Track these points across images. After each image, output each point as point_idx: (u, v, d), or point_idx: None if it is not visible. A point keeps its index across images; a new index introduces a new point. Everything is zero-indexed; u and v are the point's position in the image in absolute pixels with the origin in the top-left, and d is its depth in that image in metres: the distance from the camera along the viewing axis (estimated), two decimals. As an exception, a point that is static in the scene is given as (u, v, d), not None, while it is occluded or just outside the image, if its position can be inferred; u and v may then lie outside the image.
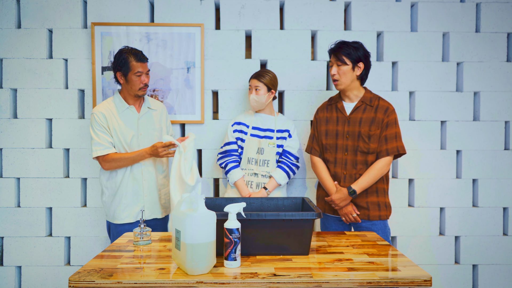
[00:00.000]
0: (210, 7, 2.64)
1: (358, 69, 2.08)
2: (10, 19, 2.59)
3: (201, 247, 1.31)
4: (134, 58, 2.14)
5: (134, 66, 2.14)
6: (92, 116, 2.16)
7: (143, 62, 2.17)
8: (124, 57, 2.14)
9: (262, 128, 2.38)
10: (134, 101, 2.24)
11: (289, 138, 2.38)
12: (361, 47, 2.08)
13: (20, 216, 2.59)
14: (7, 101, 2.60)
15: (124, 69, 2.15)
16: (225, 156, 2.39)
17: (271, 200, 1.83)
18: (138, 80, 2.16)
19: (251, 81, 2.34)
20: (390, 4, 2.66)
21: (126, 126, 2.18)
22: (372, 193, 2.12)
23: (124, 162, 2.14)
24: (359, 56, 2.06)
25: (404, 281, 1.31)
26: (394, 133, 2.08)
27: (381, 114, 2.08)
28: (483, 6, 2.66)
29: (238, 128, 2.40)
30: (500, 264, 2.66)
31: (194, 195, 1.34)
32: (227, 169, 2.36)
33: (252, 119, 2.41)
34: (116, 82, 2.23)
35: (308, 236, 1.52)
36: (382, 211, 2.13)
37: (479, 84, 2.66)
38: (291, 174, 2.36)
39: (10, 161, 2.59)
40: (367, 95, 2.14)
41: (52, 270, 2.60)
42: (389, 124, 2.07)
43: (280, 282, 1.29)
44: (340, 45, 2.09)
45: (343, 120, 2.14)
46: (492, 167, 2.66)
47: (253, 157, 2.36)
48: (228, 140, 2.40)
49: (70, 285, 1.28)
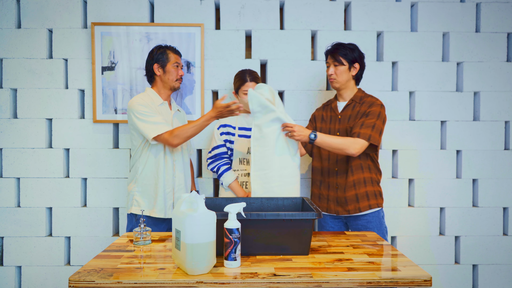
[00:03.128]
0: (210, 7, 2.64)
1: (354, 69, 2.16)
2: (10, 19, 2.59)
3: (201, 247, 1.31)
4: (171, 51, 2.26)
5: (172, 57, 2.24)
6: (135, 105, 2.11)
7: (179, 55, 2.29)
8: (162, 50, 2.24)
9: (248, 128, 2.38)
10: (166, 96, 2.28)
11: None
12: (356, 49, 2.17)
13: (20, 216, 2.59)
14: (7, 101, 2.60)
15: (162, 60, 2.22)
16: (215, 160, 2.37)
17: (271, 200, 1.83)
18: (175, 71, 2.24)
19: (248, 85, 2.29)
20: (390, 4, 2.66)
21: (167, 118, 2.22)
22: (359, 184, 2.13)
23: (192, 130, 2.08)
24: (355, 57, 2.15)
25: (404, 281, 1.31)
26: (373, 123, 2.06)
27: (365, 107, 2.13)
28: (483, 6, 2.66)
29: (224, 131, 2.39)
30: (500, 264, 2.66)
31: (194, 195, 1.34)
32: (219, 172, 2.35)
33: (237, 120, 2.40)
34: (149, 78, 2.27)
35: (308, 236, 1.52)
36: (371, 200, 2.13)
37: (479, 84, 2.66)
38: None
39: (10, 161, 2.59)
40: (358, 94, 2.20)
41: (52, 270, 2.60)
42: (370, 113, 2.08)
43: (280, 282, 1.29)
44: (337, 46, 2.17)
45: (335, 118, 2.21)
46: (492, 167, 2.66)
47: (245, 157, 2.36)
48: (216, 143, 2.38)
49: (70, 285, 1.28)
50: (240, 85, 2.33)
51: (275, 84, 2.66)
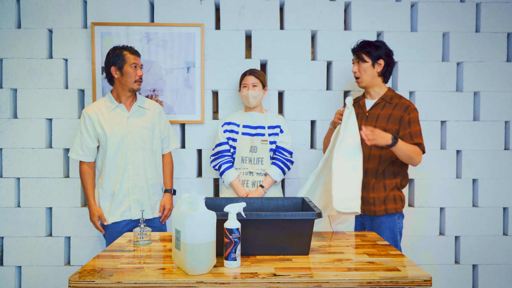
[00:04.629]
0: (210, 7, 2.64)
1: (379, 66, 2.11)
2: (10, 19, 2.59)
3: (201, 247, 1.31)
4: (128, 51, 2.22)
5: (129, 58, 2.19)
6: (81, 116, 2.24)
7: (137, 55, 2.24)
8: (119, 51, 2.19)
9: (252, 126, 2.39)
10: (126, 98, 2.25)
11: (281, 133, 2.40)
12: (382, 45, 2.13)
13: (20, 216, 2.59)
14: (7, 101, 2.60)
15: (119, 62, 2.19)
16: (218, 157, 2.38)
17: (271, 200, 1.83)
18: (133, 72, 2.19)
19: (247, 79, 2.36)
20: (390, 4, 2.66)
21: (115, 124, 2.20)
22: (379, 189, 2.11)
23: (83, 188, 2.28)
24: (379, 54, 2.10)
25: (404, 281, 1.31)
26: (419, 131, 2.06)
27: (399, 111, 2.08)
28: (483, 6, 2.66)
29: (228, 128, 2.40)
30: (500, 264, 2.66)
31: (194, 195, 1.34)
32: (221, 170, 2.35)
33: (242, 118, 2.41)
34: (109, 80, 2.26)
35: (308, 236, 1.52)
36: (388, 204, 2.10)
37: (479, 84, 2.66)
38: (286, 170, 2.37)
39: (10, 161, 2.59)
40: (388, 93, 2.16)
41: (52, 270, 2.60)
42: (412, 121, 2.06)
43: (280, 282, 1.29)
44: (361, 44, 2.16)
45: (362, 115, 2.17)
46: (492, 167, 2.66)
47: (247, 156, 2.36)
48: (219, 141, 2.40)
49: (70, 285, 1.28)
50: (241, 80, 2.40)
51: (275, 84, 2.66)
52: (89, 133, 2.20)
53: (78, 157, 2.22)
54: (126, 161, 2.21)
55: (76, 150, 2.22)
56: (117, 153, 2.20)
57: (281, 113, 2.76)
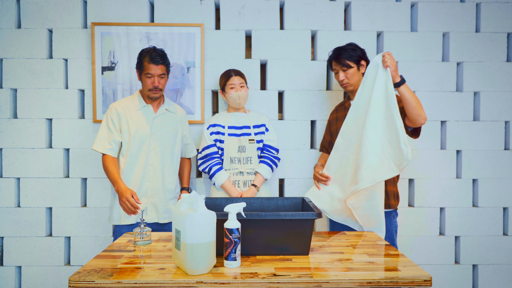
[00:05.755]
0: (210, 7, 2.64)
1: (362, 67, 2.15)
2: (10, 19, 2.59)
3: (201, 247, 1.31)
4: (148, 59, 2.15)
5: (146, 67, 2.16)
6: (108, 110, 2.23)
7: (156, 64, 2.14)
8: (141, 57, 2.19)
9: (238, 126, 2.39)
10: (151, 101, 2.26)
11: (266, 132, 2.41)
12: (357, 47, 2.16)
13: (20, 216, 2.59)
14: (7, 101, 2.60)
15: (139, 68, 2.21)
16: (207, 160, 2.36)
17: (271, 200, 1.83)
18: (148, 81, 2.17)
19: (234, 79, 2.34)
20: (390, 4, 2.66)
21: (141, 123, 2.21)
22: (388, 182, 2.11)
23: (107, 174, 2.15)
24: (359, 55, 2.14)
25: (404, 281, 1.31)
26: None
27: None
28: (483, 6, 2.66)
29: (214, 130, 2.39)
30: (500, 264, 2.66)
31: (194, 195, 1.34)
32: (211, 172, 2.33)
33: (226, 119, 2.41)
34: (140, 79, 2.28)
35: (308, 236, 1.52)
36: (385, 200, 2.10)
37: (479, 84, 2.66)
38: (275, 167, 2.40)
39: (10, 161, 2.59)
40: None
41: (52, 270, 2.60)
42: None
43: (280, 282, 1.29)
44: (339, 51, 2.15)
45: None
46: (492, 167, 2.66)
47: (236, 156, 2.36)
48: (206, 143, 2.37)
49: (70, 285, 1.28)
50: (226, 81, 2.36)
51: (275, 84, 2.66)
52: (116, 127, 2.18)
53: (105, 151, 2.15)
54: (147, 162, 2.21)
55: (103, 144, 2.16)
56: (139, 153, 2.19)
57: (281, 113, 2.76)
